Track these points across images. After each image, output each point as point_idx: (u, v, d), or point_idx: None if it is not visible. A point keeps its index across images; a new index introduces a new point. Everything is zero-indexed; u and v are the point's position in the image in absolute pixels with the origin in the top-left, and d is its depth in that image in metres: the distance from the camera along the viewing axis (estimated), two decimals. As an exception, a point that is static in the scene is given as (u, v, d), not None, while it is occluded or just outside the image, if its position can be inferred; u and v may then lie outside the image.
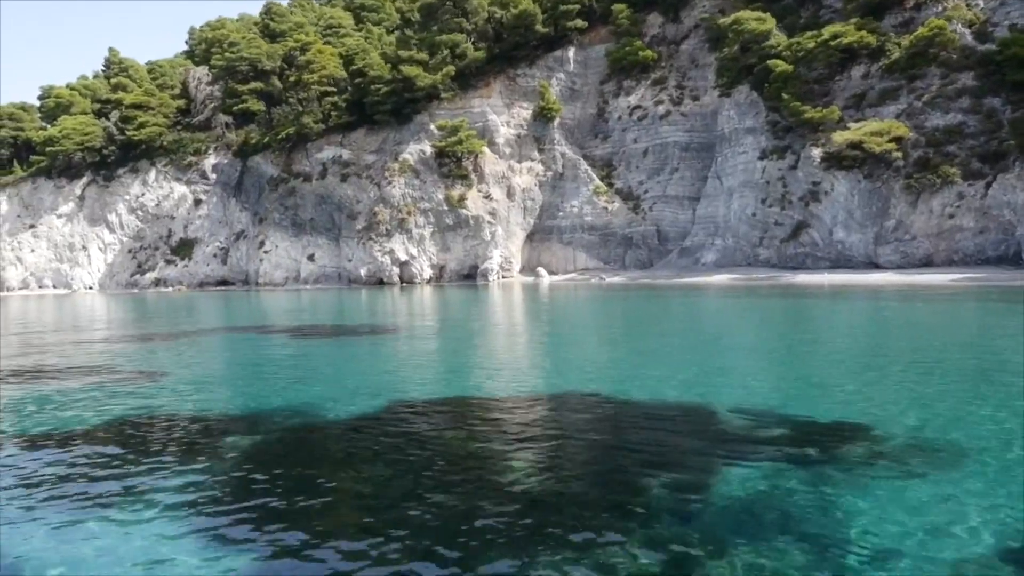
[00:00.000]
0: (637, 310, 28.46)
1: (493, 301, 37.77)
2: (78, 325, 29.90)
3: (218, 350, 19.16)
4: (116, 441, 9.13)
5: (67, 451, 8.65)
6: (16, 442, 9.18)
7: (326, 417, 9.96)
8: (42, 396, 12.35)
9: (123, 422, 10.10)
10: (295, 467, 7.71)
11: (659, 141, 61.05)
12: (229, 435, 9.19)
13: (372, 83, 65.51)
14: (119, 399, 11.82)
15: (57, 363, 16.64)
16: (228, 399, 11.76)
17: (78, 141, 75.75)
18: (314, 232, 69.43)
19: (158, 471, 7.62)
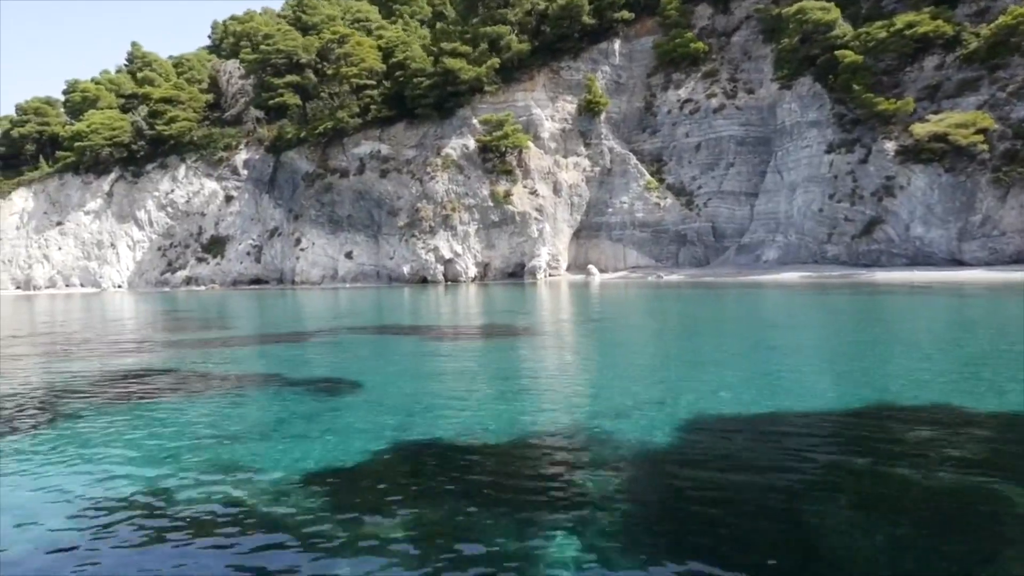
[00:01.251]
0: (737, 309, 26.67)
1: (568, 299, 36.04)
2: (178, 324, 28.14)
3: (394, 353, 17.41)
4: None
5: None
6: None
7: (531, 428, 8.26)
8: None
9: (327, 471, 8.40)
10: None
11: (713, 135, 59.33)
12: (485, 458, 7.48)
13: (414, 76, 63.80)
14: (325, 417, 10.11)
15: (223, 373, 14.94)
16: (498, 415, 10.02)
17: (107, 136, 74.04)
18: (352, 229, 67.68)
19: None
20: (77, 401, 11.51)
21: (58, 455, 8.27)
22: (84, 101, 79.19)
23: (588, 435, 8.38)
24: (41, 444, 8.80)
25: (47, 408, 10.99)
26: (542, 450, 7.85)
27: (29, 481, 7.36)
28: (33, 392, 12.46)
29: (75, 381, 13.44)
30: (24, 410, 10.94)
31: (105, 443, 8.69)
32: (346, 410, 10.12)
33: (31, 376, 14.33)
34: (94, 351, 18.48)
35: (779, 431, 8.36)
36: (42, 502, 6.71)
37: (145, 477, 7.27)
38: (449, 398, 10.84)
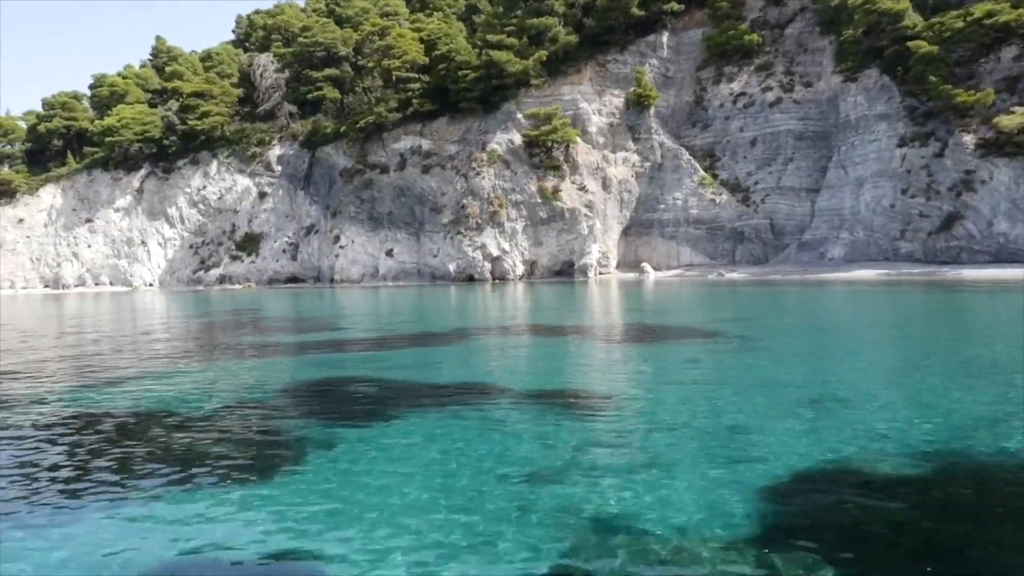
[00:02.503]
0: (860, 309, 25.08)
1: (652, 298, 34.45)
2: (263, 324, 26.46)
3: (625, 360, 15.80)
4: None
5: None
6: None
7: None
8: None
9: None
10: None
11: (769, 130, 57.79)
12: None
13: (458, 69, 62.13)
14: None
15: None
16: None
17: (137, 131, 72.36)
18: (392, 226, 66.04)
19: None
20: (344, 426, 9.94)
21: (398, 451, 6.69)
22: (112, 96, 77.43)
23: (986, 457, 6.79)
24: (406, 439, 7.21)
25: (374, 405, 9.41)
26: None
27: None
28: (349, 397, 10.86)
29: (354, 392, 11.85)
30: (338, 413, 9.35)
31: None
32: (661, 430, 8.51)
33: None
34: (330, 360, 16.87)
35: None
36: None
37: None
38: (804, 407, 9.20)
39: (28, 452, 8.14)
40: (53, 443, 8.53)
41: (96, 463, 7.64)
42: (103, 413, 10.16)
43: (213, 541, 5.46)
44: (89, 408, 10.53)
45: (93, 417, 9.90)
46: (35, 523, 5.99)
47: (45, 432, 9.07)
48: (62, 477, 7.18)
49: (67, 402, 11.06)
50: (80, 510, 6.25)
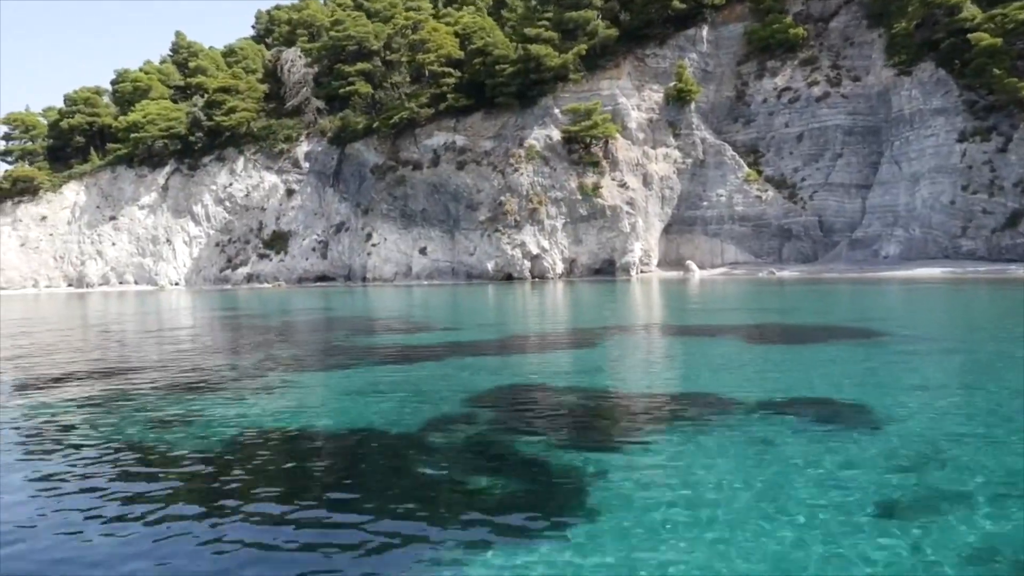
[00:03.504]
0: (968, 306, 23.86)
1: (722, 296, 33.19)
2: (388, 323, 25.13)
3: (809, 363, 14.49)
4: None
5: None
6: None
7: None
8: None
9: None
10: None
11: (817, 125, 56.52)
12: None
13: (497, 63, 60.82)
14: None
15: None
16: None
17: (163, 127, 71.01)
18: (426, 224, 64.74)
19: None
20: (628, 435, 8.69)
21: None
22: (135, 91, 76.06)
23: None
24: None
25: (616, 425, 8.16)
26: None
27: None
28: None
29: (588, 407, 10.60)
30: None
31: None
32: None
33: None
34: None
35: None
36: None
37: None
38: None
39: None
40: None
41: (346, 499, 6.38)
42: (296, 432, 8.89)
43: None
44: (264, 427, 9.27)
45: (289, 438, 8.64)
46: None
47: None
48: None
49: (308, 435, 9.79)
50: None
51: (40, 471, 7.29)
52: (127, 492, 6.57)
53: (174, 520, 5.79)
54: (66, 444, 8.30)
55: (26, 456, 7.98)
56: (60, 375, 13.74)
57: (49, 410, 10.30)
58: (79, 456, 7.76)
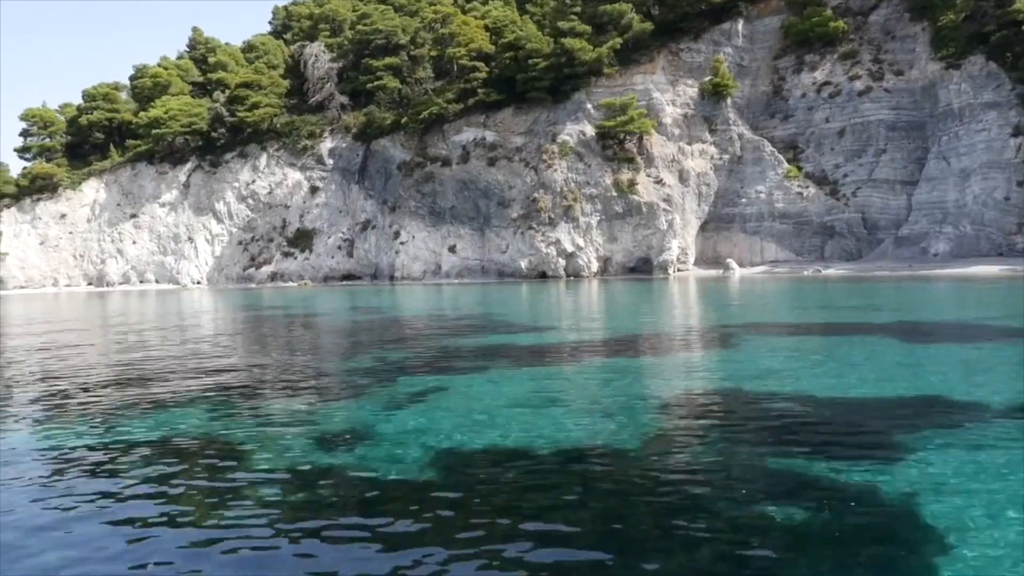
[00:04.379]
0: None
1: (778, 295, 31.99)
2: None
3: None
4: None
5: None
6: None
7: None
8: None
9: None
10: None
11: (859, 120, 55.36)
12: None
13: (529, 57, 59.63)
14: None
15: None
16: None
17: (184, 123, 69.80)
18: (455, 221, 63.53)
19: None
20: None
21: None
22: (155, 87, 74.77)
23: None
24: None
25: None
26: None
27: None
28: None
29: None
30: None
31: None
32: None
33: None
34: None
35: None
36: None
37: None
38: None
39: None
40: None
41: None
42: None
43: None
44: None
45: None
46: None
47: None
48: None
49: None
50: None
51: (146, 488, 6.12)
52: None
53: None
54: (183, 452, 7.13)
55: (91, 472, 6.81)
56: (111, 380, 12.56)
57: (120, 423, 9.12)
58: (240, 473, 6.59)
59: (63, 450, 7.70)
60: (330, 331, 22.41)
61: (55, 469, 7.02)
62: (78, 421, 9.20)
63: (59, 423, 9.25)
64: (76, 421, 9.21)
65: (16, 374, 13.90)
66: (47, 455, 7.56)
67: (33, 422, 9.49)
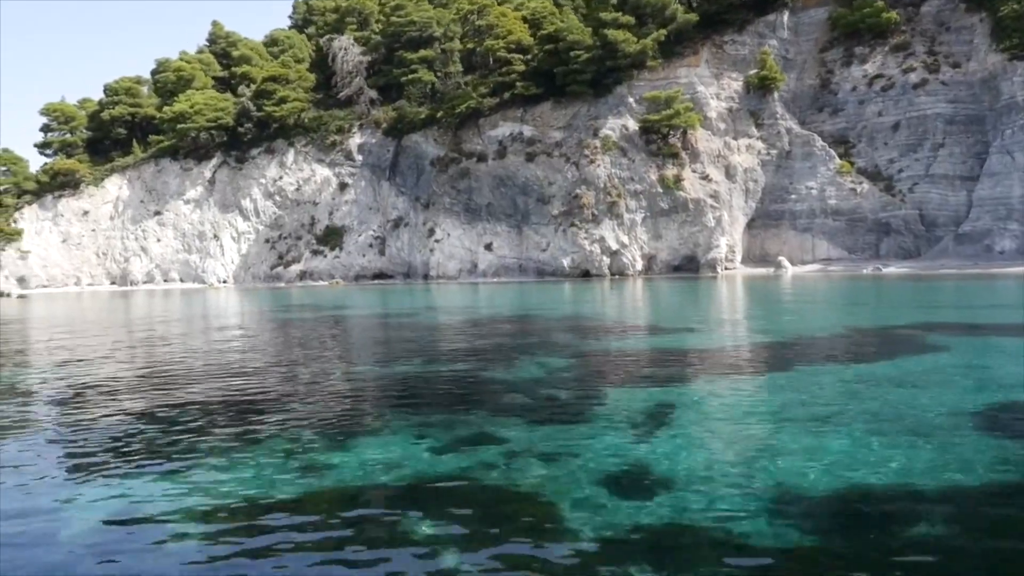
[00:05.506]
0: None
1: (866, 295, 30.27)
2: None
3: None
4: None
5: None
6: None
7: None
8: None
9: None
10: None
11: (915, 114, 53.68)
12: None
13: (570, 49, 57.90)
14: None
15: None
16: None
17: (211, 118, 68.00)
18: (491, 218, 61.81)
19: None
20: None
21: None
22: (179, 81, 72.96)
23: None
24: None
25: None
26: None
27: None
28: None
29: None
30: None
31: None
32: None
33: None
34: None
35: None
36: None
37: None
38: None
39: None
40: None
41: None
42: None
43: None
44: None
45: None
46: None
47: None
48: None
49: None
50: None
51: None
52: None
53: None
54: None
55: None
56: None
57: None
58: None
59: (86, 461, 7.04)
60: (448, 329, 20.62)
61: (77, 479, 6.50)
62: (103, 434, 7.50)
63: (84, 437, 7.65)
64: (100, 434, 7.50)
65: (35, 386, 12.19)
66: (67, 464, 7.07)
67: (54, 432, 8.50)
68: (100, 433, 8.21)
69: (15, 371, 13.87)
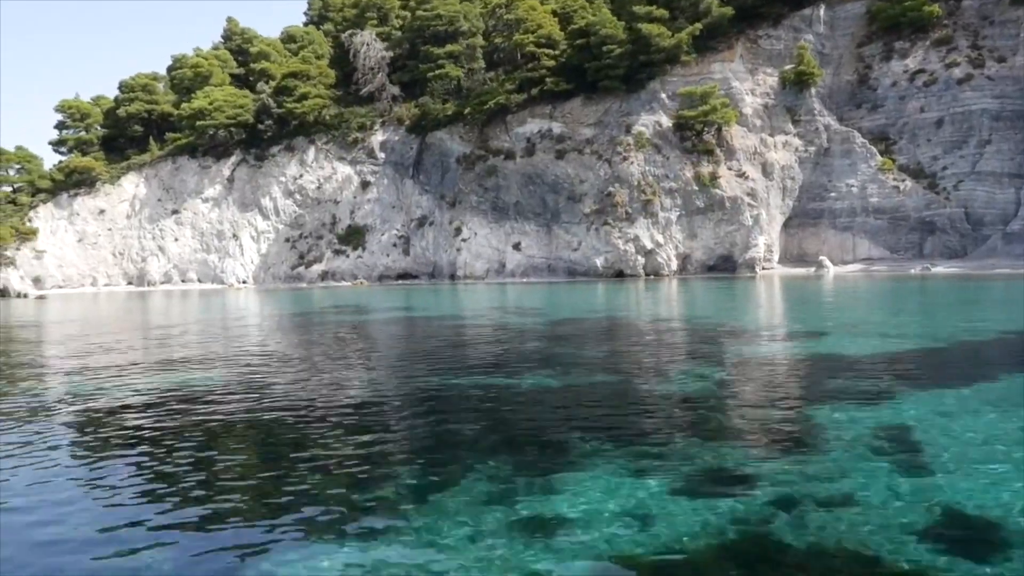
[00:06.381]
0: None
1: (936, 297, 28.85)
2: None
3: None
4: None
5: None
6: None
7: None
8: None
9: None
10: None
11: (959, 109, 52.23)
12: None
13: (603, 43, 56.45)
14: None
15: None
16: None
17: (230, 115, 66.53)
18: (520, 217, 60.35)
19: None
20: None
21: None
22: (196, 77, 71.47)
23: None
24: None
25: None
26: None
27: None
28: None
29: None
30: None
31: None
32: None
33: None
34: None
35: None
36: None
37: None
38: None
39: None
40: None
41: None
42: None
43: None
44: None
45: None
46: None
47: None
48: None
49: None
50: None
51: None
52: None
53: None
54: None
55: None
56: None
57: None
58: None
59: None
60: (571, 343, 19.16)
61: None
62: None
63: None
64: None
65: (53, 396, 10.77)
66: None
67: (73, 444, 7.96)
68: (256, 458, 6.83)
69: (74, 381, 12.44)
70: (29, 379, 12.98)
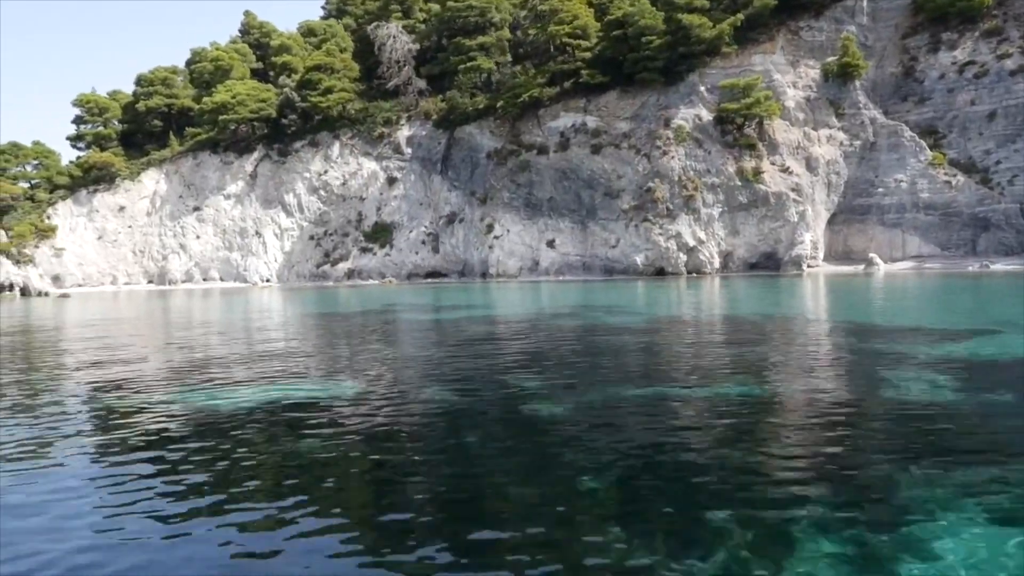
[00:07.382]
0: None
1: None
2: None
3: None
4: None
5: None
6: None
7: None
8: None
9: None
10: None
11: (1012, 102, 50.64)
12: None
13: (641, 35, 54.84)
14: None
15: None
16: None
17: (253, 109, 64.96)
18: (553, 214, 58.78)
19: None
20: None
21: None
22: (216, 71, 69.91)
23: None
24: None
25: None
26: None
27: None
28: None
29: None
30: None
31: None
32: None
33: None
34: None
35: None
36: None
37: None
38: None
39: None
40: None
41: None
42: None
43: None
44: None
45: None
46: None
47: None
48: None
49: None
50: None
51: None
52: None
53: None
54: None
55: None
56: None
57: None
58: None
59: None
60: (708, 348, 17.52)
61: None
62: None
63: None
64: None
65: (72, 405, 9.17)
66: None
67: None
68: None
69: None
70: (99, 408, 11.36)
